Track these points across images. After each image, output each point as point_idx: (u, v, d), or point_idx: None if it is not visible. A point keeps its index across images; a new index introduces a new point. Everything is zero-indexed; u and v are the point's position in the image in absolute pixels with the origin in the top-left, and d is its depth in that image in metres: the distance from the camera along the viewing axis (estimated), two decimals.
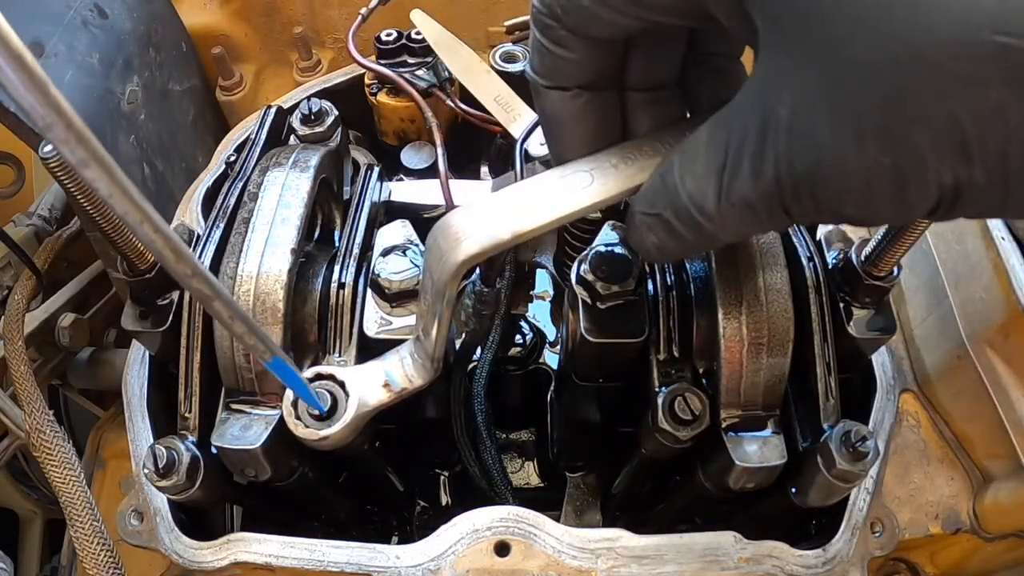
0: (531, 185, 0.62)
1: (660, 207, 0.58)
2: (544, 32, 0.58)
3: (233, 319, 0.47)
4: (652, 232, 0.60)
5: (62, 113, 0.30)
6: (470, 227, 0.59)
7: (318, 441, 0.70)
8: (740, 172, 0.50)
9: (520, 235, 0.59)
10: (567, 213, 0.60)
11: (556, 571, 0.80)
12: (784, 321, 0.82)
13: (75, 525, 0.94)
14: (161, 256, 0.39)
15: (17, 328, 1.16)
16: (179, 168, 1.43)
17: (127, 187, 0.34)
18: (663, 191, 0.57)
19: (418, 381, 0.64)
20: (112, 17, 1.30)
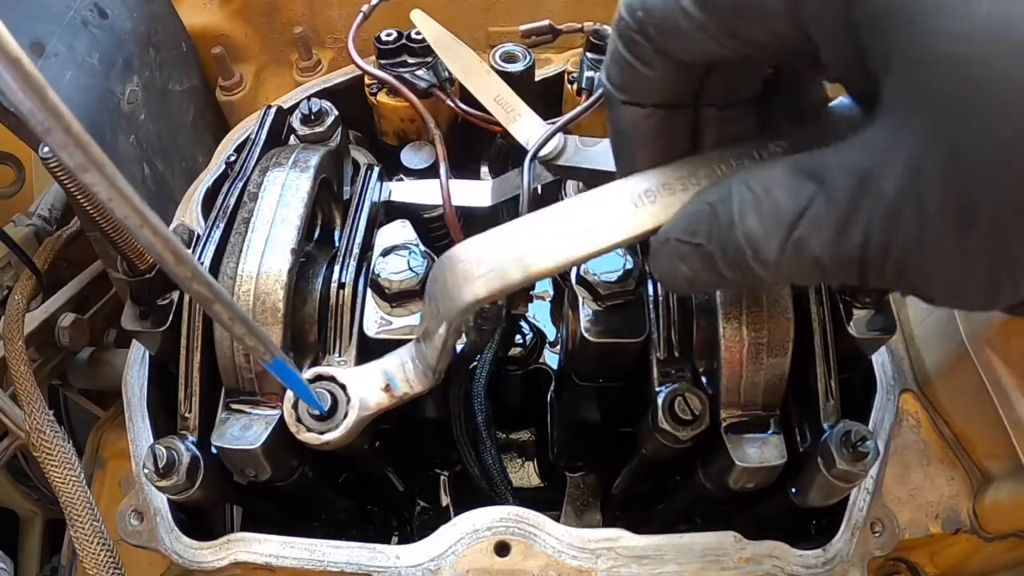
0: (551, 217, 0.57)
1: (703, 238, 0.53)
2: (630, 47, 0.55)
3: (233, 321, 0.47)
4: (686, 263, 0.54)
5: (61, 117, 0.30)
6: (481, 265, 0.56)
7: (318, 442, 0.70)
8: (819, 230, 0.47)
9: (535, 276, 0.55)
10: (588, 253, 0.56)
11: (556, 571, 0.80)
12: (784, 321, 0.82)
13: (75, 525, 0.94)
14: (161, 259, 0.39)
15: (17, 328, 1.16)
16: (179, 168, 1.43)
17: (126, 191, 0.34)
18: (711, 222, 0.52)
19: (418, 387, 0.63)
20: (112, 17, 1.30)
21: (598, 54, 1.14)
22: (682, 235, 0.54)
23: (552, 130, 0.97)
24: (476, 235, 0.58)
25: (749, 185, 0.51)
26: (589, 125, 1.15)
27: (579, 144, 0.98)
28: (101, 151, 0.32)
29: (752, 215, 0.50)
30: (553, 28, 1.11)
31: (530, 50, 1.15)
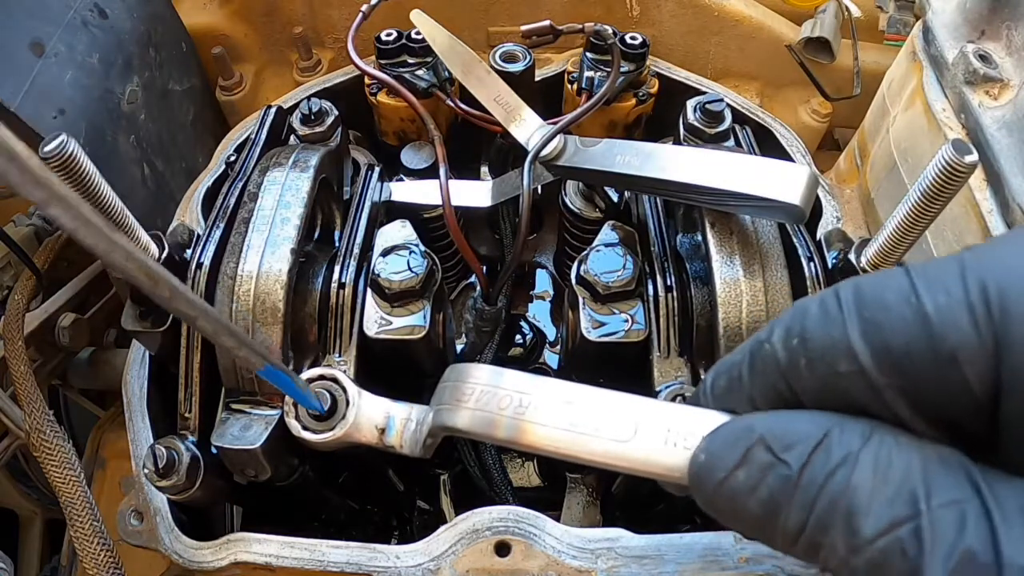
0: (573, 401, 0.52)
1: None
2: (756, 371, 0.45)
3: (220, 334, 0.46)
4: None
5: (15, 158, 0.30)
6: (481, 401, 0.54)
7: (318, 442, 0.70)
8: None
9: (518, 445, 0.53)
10: (583, 456, 0.51)
11: (556, 571, 0.80)
12: None
13: (75, 525, 0.94)
14: (138, 282, 0.38)
15: (17, 328, 1.16)
16: (179, 168, 1.43)
17: (91, 219, 0.34)
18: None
19: (405, 449, 0.63)
20: (112, 17, 1.30)
21: (598, 54, 1.14)
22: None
23: (553, 131, 0.97)
24: (509, 368, 0.55)
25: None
26: (589, 125, 1.15)
27: (579, 144, 0.98)
28: (60, 183, 0.32)
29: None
30: (554, 28, 1.11)
31: (530, 50, 1.15)
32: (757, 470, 0.42)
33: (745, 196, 0.81)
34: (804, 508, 0.39)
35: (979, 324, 0.36)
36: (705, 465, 0.45)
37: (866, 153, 1.40)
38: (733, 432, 0.45)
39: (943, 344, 0.37)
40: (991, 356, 0.36)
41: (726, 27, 1.54)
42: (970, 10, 1.16)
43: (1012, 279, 0.36)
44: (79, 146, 0.71)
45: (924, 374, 0.38)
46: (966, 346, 0.37)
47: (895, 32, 1.55)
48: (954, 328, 0.37)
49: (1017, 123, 1.01)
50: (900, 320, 0.39)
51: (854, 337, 0.40)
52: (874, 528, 0.37)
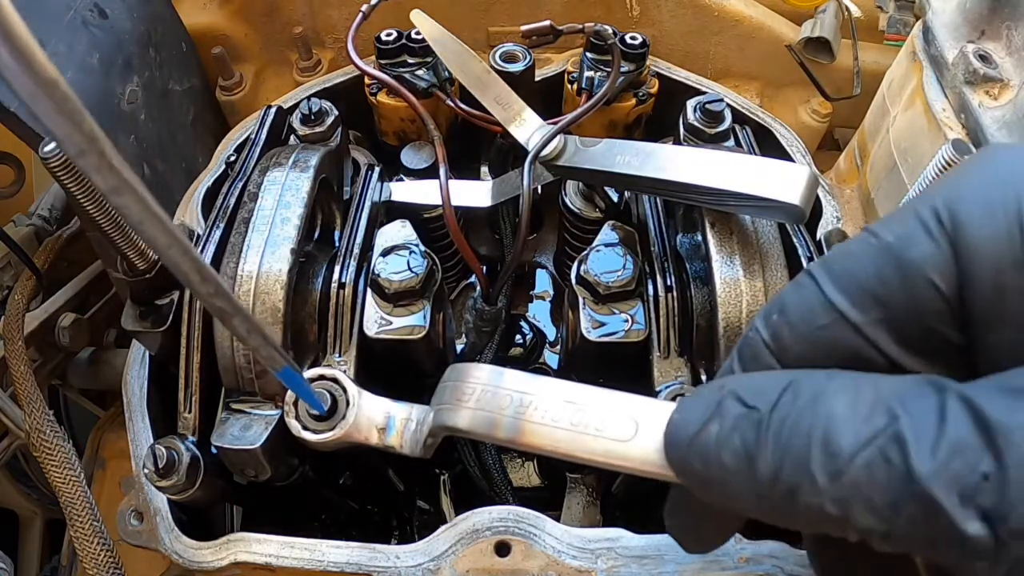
0: (575, 400, 0.52)
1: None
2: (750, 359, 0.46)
3: (250, 333, 0.47)
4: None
5: (95, 141, 0.30)
6: (482, 401, 0.54)
7: (317, 441, 0.70)
8: None
9: (519, 445, 0.53)
10: (583, 456, 0.51)
11: (556, 571, 0.80)
12: None
13: (75, 525, 0.94)
14: (187, 279, 0.39)
15: (17, 328, 1.16)
16: (179, 168, 1.43)
17: (159, 214, 0.34)
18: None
19: (406, 449, 0.63)
20: (112, 17, 1.30)
21: (598, 54, 1.14)
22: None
23: (553, 131, 0.97)
24: (510, 368, 0.55)
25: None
26: (589, 125, 1.15)
27: (579, 144, 0.98)
28: (134, 174, 0.32)
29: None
30: (554, 29, 1.11)
31: (530, 50, 1.15)
32: (729, 420, 0.42)
33: (745, 196, 0.81)
34: (778, 447, 0.40)
35: (935, 236, 0.41)
36: (678, 423, 0.45)
37: (866, 153, 1.40)
38: (705, 391, 0.45)
39: (908, 263, 0.41)
40: (950, 259, 0.40)
41: (726, 27, 1.54)
42: (970, 10, 1.16)
43: (959, 195, 0.41)
44: None
45: (898, 297, 0.41)
46: (928, 257, 0.41)
47: (895, 32, 1.55)
48: (915, 246, 0.41)
49: (1017, 123, 1.01)
50: (866, 257, 0.42)
51: (828, 289, 0.43)
52: (854, 442, 0.37)
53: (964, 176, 0.42)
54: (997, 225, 0.40)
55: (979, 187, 0.41)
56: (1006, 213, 0.39)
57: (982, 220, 0.40)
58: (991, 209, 0.40)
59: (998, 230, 0.40)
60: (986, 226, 0.40)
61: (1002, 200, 0.40)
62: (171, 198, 1.35)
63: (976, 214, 0.40)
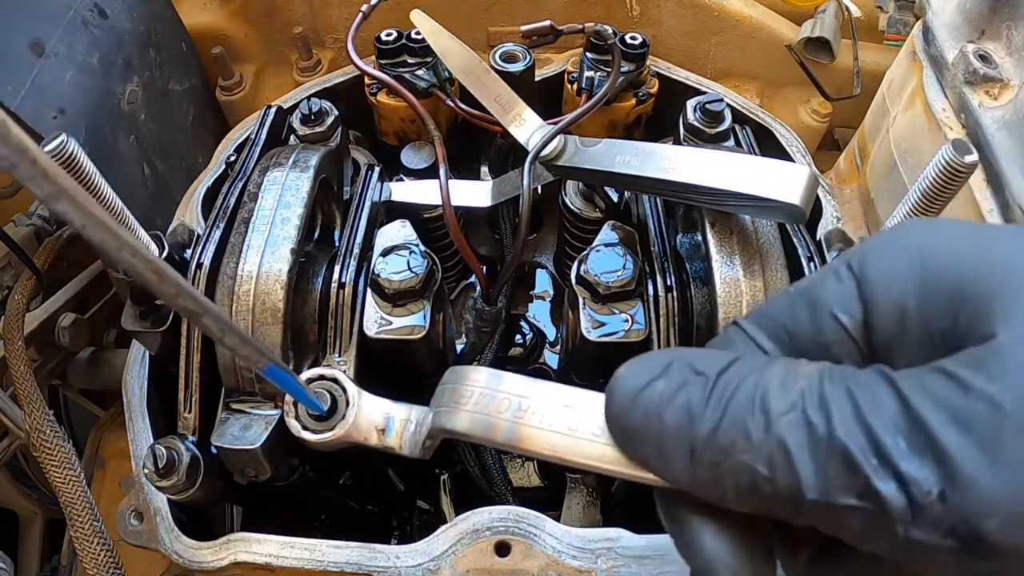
0: (575, 405, 0.52)
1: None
2: None
3: (224, 332, 0.46)
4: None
5: (25, 152, 0.30)
6: (480, 404, 0.54)
7: (317, 441, 0.70)
8: None
9: (517, 449, 0.53)
10: (580, 461, 0.51)
11: (556, 571, 0.80)
12: None
13: (75, 525, 0.94)
14: (144, 279, 0.38)
15: (17, 328, 1.16)
16: (179, 168, 1.43)
17: (100, 216, 0.34)
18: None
19: (405, 450, 0.62)
20: (112, 17, 1.30)
21: (598, 54, 1.14)
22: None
23: (554, 132, 0.97)
24: (509, 371, 0.55)
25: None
26: (589, 125, 1.15)
27: (579, 144, 0.98)
28: (69, 178, 0.32)
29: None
30: (554, 29, 1.11)
31: (530, 50, 1.15)
32: (677, 380, 0.45)
33: (745, 196, 0.81)
34: (719, 405, 0.43)
35: (843, 277, 0.47)
36: (625, 376, 0.48)
37: (866, 153, 1.40)
38: (657, 353, 0.49)
39: (816, 300, 0.47)
40: (855, 294, 0.46)
41: (726, 27, 1.54)
42: (970, 10, 1.16)
43: (867, 247, 0.47)
44: (79, 146, 0.71)
45: (805, 329, 0.47)
46: (834, 294, 0.46)
47: (895, 32, 1.55)
48: (824, 286, 0.47)
49: (1017, 123, 1.01)
50: (785, 299, 0.49)
51: (745, 324, 0.49)
52: (784, 404, 0.41)
53: (873, 237, 0.49)
54: (898, 260, 0.45)
55: (885, 240, 0.47)
56: (906, 251, 0.45)
57: (885, 257, 0.46)
58: (894, 249, 0.46)
59: (899, 265, 0.45)
60: (888, 260, 0.46)
61: (904, 245, 0.45)
62: (171, 198, 1.35)
63: (880, 253, 0.46)
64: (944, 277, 0.43)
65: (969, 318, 0.41)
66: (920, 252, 0.44)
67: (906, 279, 0.44)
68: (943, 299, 0.43)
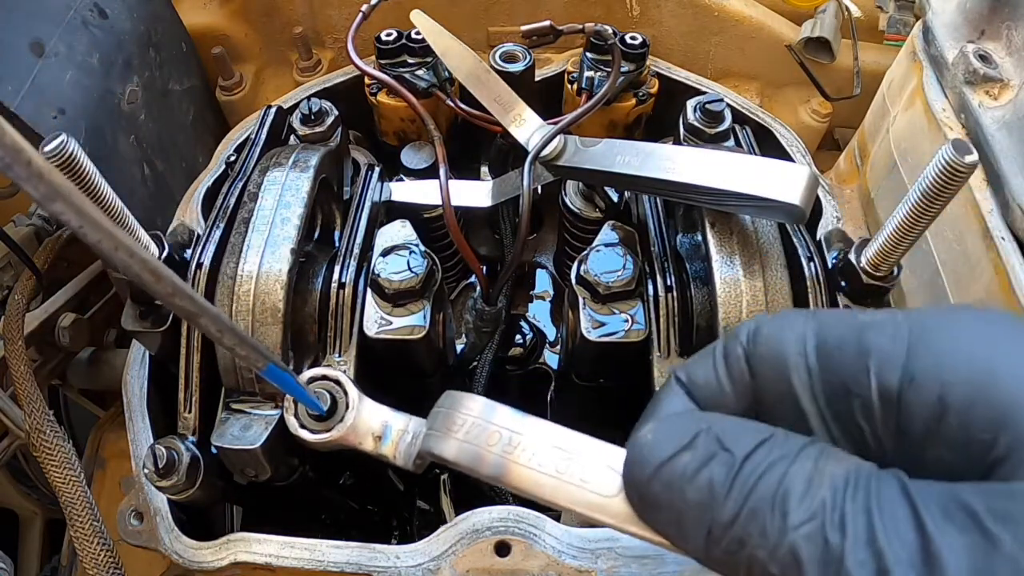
0: (566, 447, 0.51)
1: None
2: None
3: (222, 332, 0.46)
4: None
5: (20, 152, 0.30)
6: (471, 434, 0.53)
7: (317, 441, 0.70)
8: None
9: (503, 483, 0.52)
10: (564, 504, 0.50)
11: (556, 571, 0.80)
12: None
13: (75, 525, 0.94)
14: (141, 280, 0.38)
15: (17, 328, 1.16)
16: (179, 168, 1.43)
17: (96, 217, 0.34)
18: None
19: (399, 461, 0.63)
20: (112, 17, 1.30)
21: (598, 54, 1.14)
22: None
23: (554, 132, 0.97)
24: (503, 404, 0.55)
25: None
26: (589, 125, 1.15)
27: (579, 144, 0.98)
28: (65, 179, 0.32)
29: None
30: (554, 29, 1.11)
31: (530, 50, 1.15)
32: (702, 455, 0.43)
33: (745, 196, 0.81)
34: (741, 496, 0.41)
35: (897, 337, 0.44)
36: (650, 444, 0.46)
37: (866, 153, 1.40)
38: (682, 419, 0.47)
39: (866, 344, 0.44)
40: (901, 358, 0.43)
41: (726, 27, 1.54)
42: (970, 10, 1.16)
43: (927, 321, 0.44)
44: (79, 146, 0.71)
45: (844, 364, 0.44)
46: (882, 347, 0.43)
47: (895, 32, 1.55)
48: (878, 335, 0.44)
49: (1017, 123, 1.01)
50: (844, 325, 0.46)
51: (809, 329, 0.47)
52: (804, 513, 0.39)
53: (926, 316, 0.46)
54: (954, 358, 0.42)
55: (939, 324, 0.45)
56: (961, 349, 0.43)
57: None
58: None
59: (955, 362, 0.42)
60: (942, 358, 0.43)
61: (960, 340, 0.43)
62: (171, 198, 1.35)
63: (932, 347, 0.43)
64: (1000, 389, 0.40)
65: (1011, 443, 0.39)
66: (979, 355, 0.41)
67: (959, 380, 0.41)
68: (990, 411, 0.39)
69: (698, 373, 0.51)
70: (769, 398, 0.47)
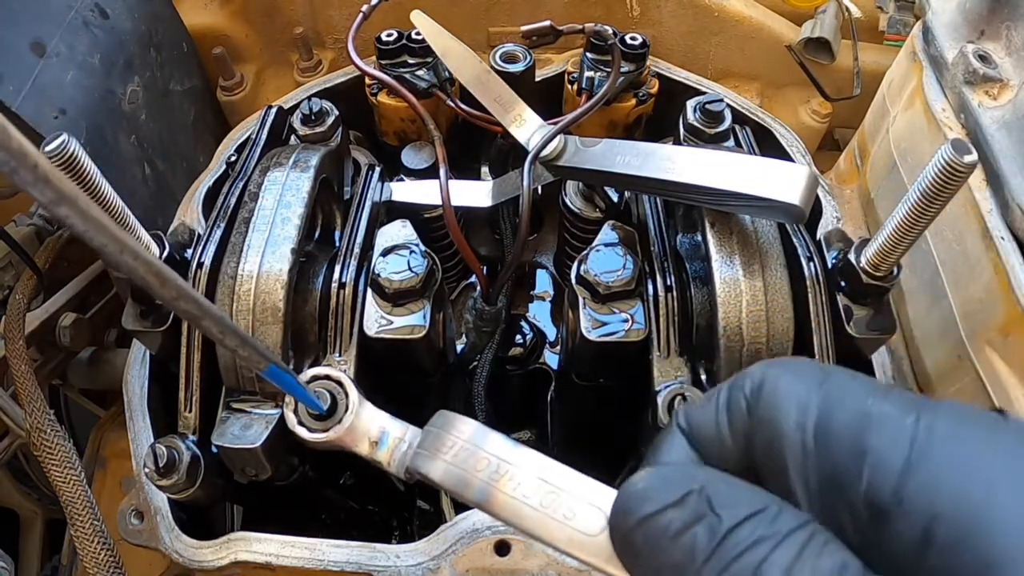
0: (553, 481, 0.51)
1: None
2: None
3: (225, 334, 0.46)
4: None
5: (26, 156, 0.30)
6: (459, 457, 0.54)
7: (317, 440, 0.70)
8: None
9: (486, 510, 0.52)
10: (544, 538, 0.50)
11: (556, 570, 0.80)
12: (784, 321, 0.82)
13: (76, 524, 0.94)
14: (145, 283, 0.38)
15: (18, 327, 1.17)
16: (180, 168, 1.43)
17: (102, 220, 0.34)
18: None
19: (392, 468, 0.63)
20: (113, 17, 1.30)
21: (598, 54, 1.14)
22: None
23: (554, 132, 0.97)
24: (495, 431, 0.55)
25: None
26: (589, 125, 1.16)
27: (579, 144, 0.98)
28: (71, 183, 0.32)
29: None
30: (554, 29, 1.11)
31: (530, 50, 1.16)
32: (690, 515, 0.42)
33: (745, 196, 0.81)
34: (719, 566, 0.40)
35: (898, 445, 0.41)
36: (639, 494, 0.45)
37: (866, 153, 1.41)
38: (677, 473, 0.46)
39: (864, 443, 0.41)
40: (896, 471, 0.40)
41: (726, 27, 1.55)
42: (970, 10, 1.16)
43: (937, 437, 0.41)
44: (80, 146, 0.71)
45: (840, 458, 0.42)
46: (881, 450, 0.41)
47: (895, 32, 1.55)
48: (879, 436, 0.41)
49: (1017, 123, 1.01)
50: (850, 410, 0.43)
51: (812, 402, 0.44)
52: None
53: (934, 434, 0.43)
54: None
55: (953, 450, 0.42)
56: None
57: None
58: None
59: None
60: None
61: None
62: (172, 198, 1.35)
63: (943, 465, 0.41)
64: (992, 535, 0.37)
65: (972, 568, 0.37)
66: (976, 491, 0.39)
67: (950, 515, 0.39)
68: (976, 559, 0.37)
69: (700, 421, 0.49)
70: (763, 464, 0.46)
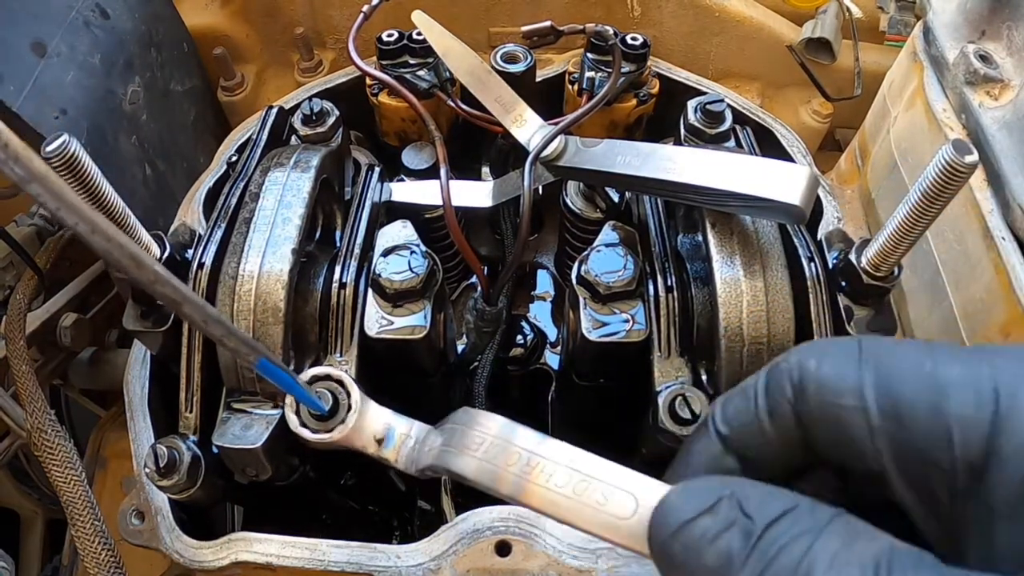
0: (584, 470, 0.53)
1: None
2: (775, 406, 0.48)
3: (208, 322, 0.45)
4: None
5: (18, 158, 0.30)
6: (490, 453, 0.54)
7: (317, 440, 0.70)
8: None
9: (519, 502, 0.53)
10: (580, 525, 0.51)
11: (556, 571, 0.80)
12: (784, 321, 0.82)
13: (76, 525, 0.94)
14: (120, 266, 0.37)
15: (19, 328, 1.17)
16: (180, 168, 1.44)
17: (71, 200, 0.33)
18: None
19: (400, 464, 0.63)
20: (114, 17, 1.30)
21: (599, 55, 1.14)
22: None
23: (554, 132, 0.97)
24: (521, 425, 0.55)
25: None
26: (590, 126, 1.16)
27: (580, 145, 0.98)
28: (41, 160, 0.32)
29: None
30: (555, 29, 1.11)
31: (531, 51, 1.16)
32: (722, 520, 0.43)
33: (745, 196, 0.81)
34: (759, 565, 0.40)
35: (982, 404, 0.41)
36: (673, 505, 0.46)
37: (867, 153, 1.41)
38: (708, 482, 0.46)
39: (945, 410, 0.41)
40: (985, 430, 0.40)
41: (727, 28, 1.55)
42: (970, 10, 1.16)
43: (1016, 383, 0.41)
44: (81, 146, 0.72)
45: (919, 429, 0.42)
46: (965, 416, 0.41)
47: (896, 33, 1.55)
48: (960, 402, 0.41)
49: (1017, 123, 1.01)
50: (913, 379, 0.43)
51: (866, 379, 0.44)
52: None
53: None
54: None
55: None
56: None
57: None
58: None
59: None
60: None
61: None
62: (172, 198, 1.35)
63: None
64: None
65: None
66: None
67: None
68: None
69: (739, 421, 0.50)
70: (829, 451, 0.46)
